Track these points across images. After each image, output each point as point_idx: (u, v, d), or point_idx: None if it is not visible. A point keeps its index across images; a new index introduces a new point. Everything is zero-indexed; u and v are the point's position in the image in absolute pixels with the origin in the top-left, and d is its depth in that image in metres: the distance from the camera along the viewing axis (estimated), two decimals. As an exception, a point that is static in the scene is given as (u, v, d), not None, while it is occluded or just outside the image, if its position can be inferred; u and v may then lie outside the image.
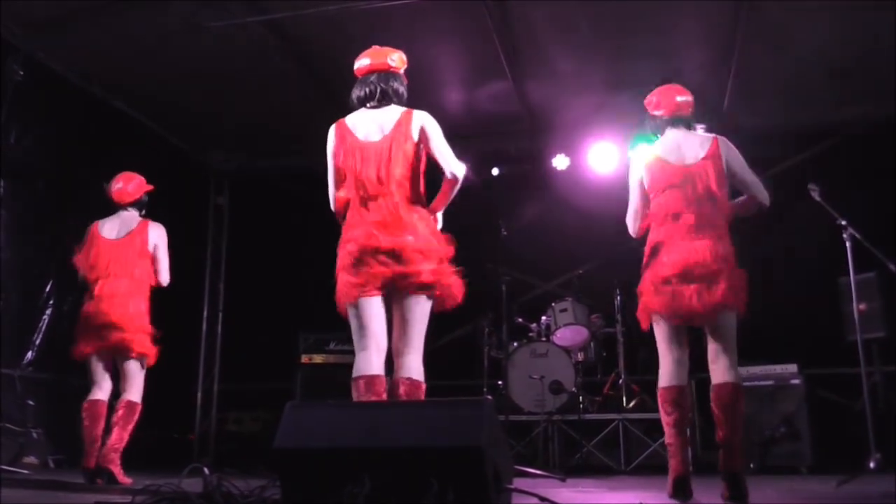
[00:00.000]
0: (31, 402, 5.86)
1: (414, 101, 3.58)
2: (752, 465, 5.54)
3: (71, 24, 5.76)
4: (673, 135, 3.61)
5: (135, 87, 6.76)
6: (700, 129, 3.73)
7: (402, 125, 3.35)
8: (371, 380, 3.14)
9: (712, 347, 3.41)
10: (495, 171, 7.83)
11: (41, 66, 6.09)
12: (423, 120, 3.40)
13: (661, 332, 3.50)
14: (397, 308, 3.23)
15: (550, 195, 7.61)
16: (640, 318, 3.56)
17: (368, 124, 3.38)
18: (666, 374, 3.47)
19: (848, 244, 4.52)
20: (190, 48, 6.08)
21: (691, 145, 3.55)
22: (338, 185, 3.37)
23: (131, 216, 4.86)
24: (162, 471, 4.67)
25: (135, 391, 4.62)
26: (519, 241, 6.73)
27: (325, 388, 6.60)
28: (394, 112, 3.40)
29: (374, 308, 3.20)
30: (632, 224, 3.69)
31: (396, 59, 3.54)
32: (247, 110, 7.16)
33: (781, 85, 6.61)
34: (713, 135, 3.58)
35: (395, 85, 3.48)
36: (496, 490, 2.23)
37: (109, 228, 4.81)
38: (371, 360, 3.17)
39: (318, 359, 6.84)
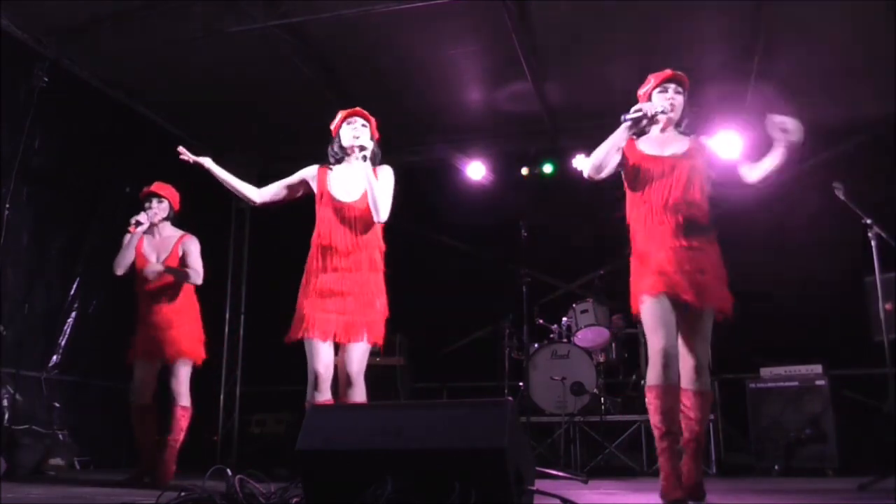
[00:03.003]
0: (56, 405, 5.93)
1: (435, 102, 3.68)
2: (776, 468, 5.49)
3: (94, 31, 5.83)
4: None
5: (157, 91, 6.85)
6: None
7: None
8: None
9: None
10: (518, 172, 7.83)
11: (65, 72, 6.17)
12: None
13: None
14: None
15: (571, 195, 7.58)
16: None
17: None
18: None
19: (873, 243, 4.46)
20: (211, 53, 6.13)
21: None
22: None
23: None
24: (185, 472, 4.73)
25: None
26: (540, 241, 6.71)
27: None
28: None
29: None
30: None
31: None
32: (268, 113, 7.21)
33: (805, 82, 6.53)
34: None
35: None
36: (518, 491, 2.23)
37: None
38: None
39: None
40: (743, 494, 3.74)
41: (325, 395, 3.54)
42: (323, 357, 3.54)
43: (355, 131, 3.76)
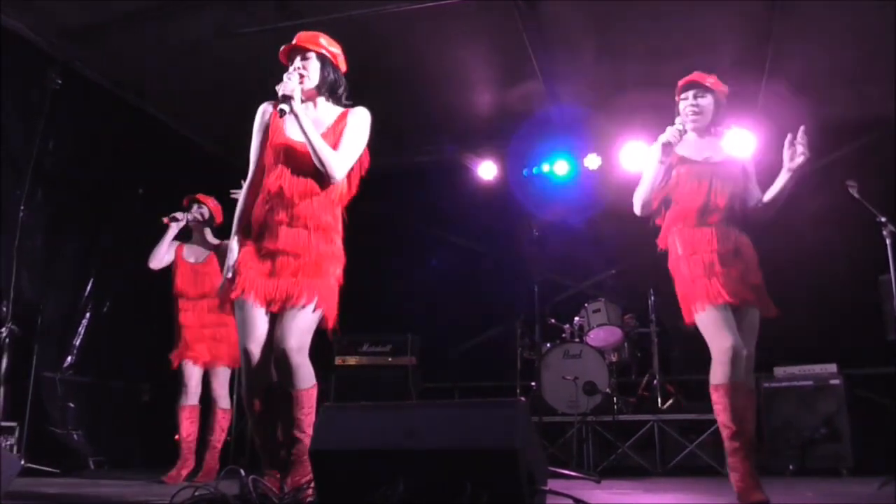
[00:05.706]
0: (71, 405, 5.96)
1: (446, 102, 3.60)
2: (791, 467, 5.45)
3: (106, 33, 5.87)
4: None
5: (168, 93, 6.87)
6: None
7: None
8: None
9: None
10: (527, 172, 7.83)
11: (77, 74, 6.21)
12: None
13: None
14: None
15: (582, 195, 7.57)
16: None
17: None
18: None
19: (888, 241, 4.43)
20: (222, 54, 6.15)
21: None
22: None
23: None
24: (198, 472, 4.75)
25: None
26: (551, 241, 6.70)
27: (359, 389, 6.62)
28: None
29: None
30: None
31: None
32: (278, 115, 7.21)
33: (817, 81, 6.50)
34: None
35: None
36: (530, 492, 2.22)
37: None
38: None
39: (351, 361, 6.86)
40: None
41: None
42: (256, 330, 2.82)
43: (288, 74, 3.03)
